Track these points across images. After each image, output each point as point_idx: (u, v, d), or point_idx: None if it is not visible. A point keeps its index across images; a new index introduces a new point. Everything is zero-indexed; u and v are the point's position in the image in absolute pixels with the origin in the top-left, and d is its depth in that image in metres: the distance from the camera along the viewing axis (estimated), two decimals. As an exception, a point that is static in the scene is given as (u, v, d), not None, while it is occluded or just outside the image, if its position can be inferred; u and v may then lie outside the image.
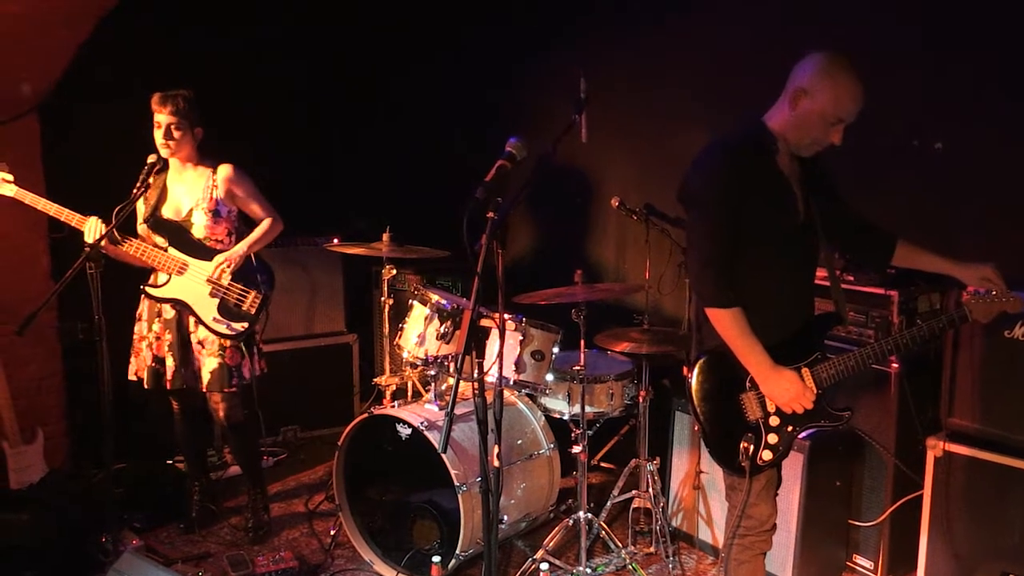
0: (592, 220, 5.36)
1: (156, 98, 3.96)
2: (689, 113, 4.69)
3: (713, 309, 2.83)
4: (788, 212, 2.85)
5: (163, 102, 3.95)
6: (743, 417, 2.89)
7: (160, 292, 4.05)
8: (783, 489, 3.14)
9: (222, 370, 4.09)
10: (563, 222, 5.55)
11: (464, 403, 4.14)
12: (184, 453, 4.57)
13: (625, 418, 4.64)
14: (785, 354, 2.84)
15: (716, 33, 4.62)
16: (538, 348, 3.92)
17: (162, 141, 3.97)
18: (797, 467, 3.62)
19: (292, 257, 5.54)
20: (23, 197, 3.85)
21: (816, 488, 3.65)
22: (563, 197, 5.42)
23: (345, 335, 5.79)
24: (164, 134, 3.96)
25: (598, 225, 5.34)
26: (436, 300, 4.06)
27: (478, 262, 2.50)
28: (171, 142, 3.97)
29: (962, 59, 3.70)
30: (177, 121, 3.96)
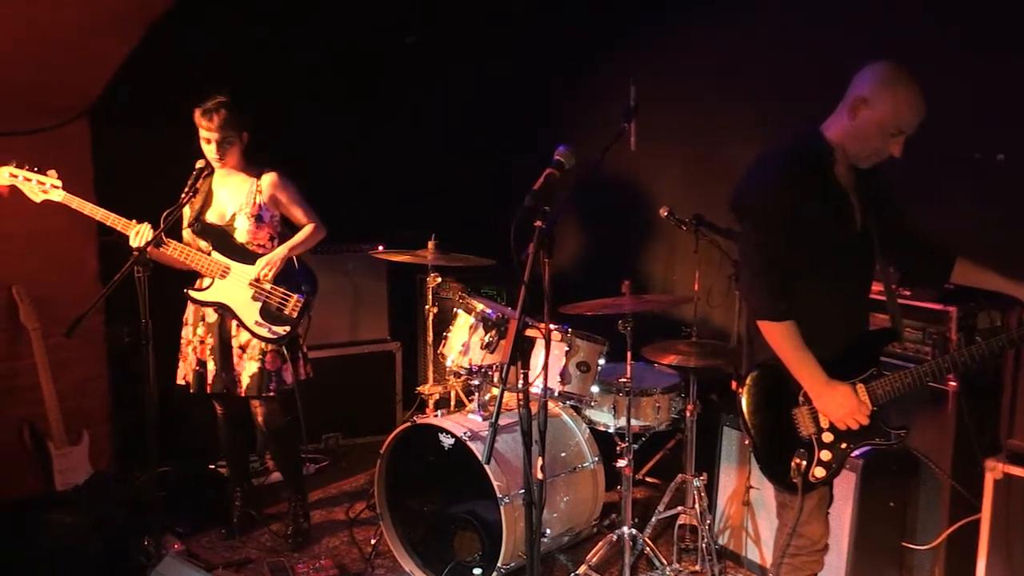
0: (640, 230, 5.34)
1: (198, 114, 4.01)
2: (743, 121, 4.66)
3: (765, 322, 2.81)
4: (844, 224, 2.82)
5: (207, 117, 4.00)
6: (795, 433, 2.85)
7: (203, 296, 4.11)
8: (834, 508, 3.10)
9: (261, 375, 4.13)
10: (611, 232, 5.53)
11: (508, 414, 4.12)
12: (227, 458, 4.62)
13: (671, 432, 4.60)
14: (839, 369, 2.80)
15: (773, 40, 4.58)
16: (584, 359, 3.91)
17: (215, 156, 4.03)
18: (849, 486, 3.56)
19: (337, 264, 5.59)
20: (70, 202, 3.93)
21: (869, 508, 3.59)
22: (611, 206, 5.40)
23: (389, 343, 5.82)
24: (216, 149, 4.03)
25: (646, 235, 5.32)
26: (481, 309, 4.07)
27: (524, 271, 2.51)
28: (223, 154, 4.05)
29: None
30: (225, 133, 4.02)
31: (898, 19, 3.99)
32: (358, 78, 6.28)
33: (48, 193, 3.95)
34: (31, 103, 4.46)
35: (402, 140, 6.40)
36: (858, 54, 2.85)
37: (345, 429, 5.68)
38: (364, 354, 5.73)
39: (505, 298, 5.52)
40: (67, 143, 4.71)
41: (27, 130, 4.49)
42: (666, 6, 5.07)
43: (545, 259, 2.56)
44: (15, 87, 4.30)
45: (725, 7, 4.78)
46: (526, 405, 2.61)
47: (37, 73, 4.32)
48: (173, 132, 4.25)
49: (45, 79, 4.40)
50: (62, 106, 4.67)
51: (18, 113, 4.44)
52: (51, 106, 4.61)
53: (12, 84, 4.27)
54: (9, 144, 4.35)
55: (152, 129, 4.96)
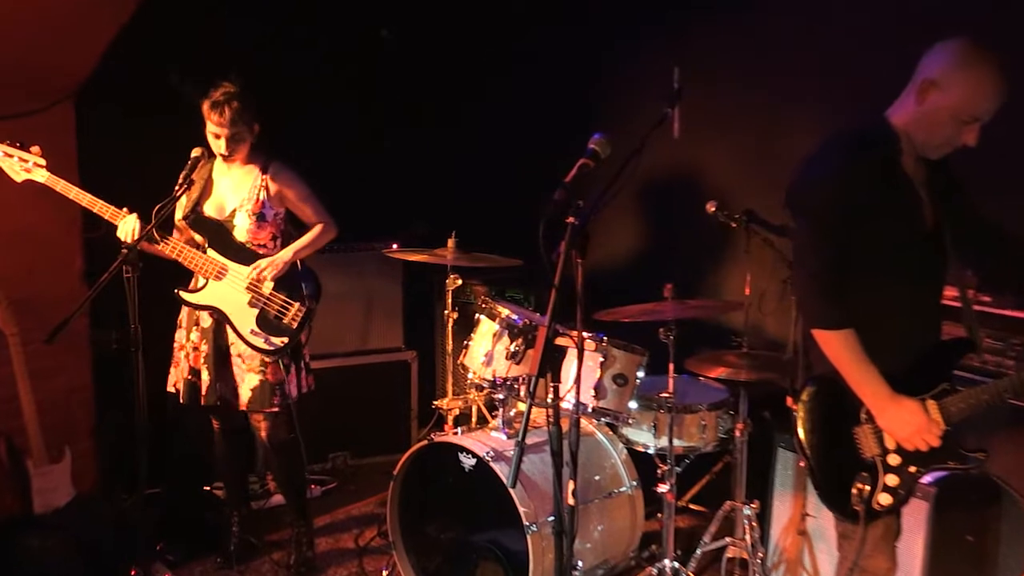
0: (685, 227, 5.33)
1: (207, 107, 4.05)
2: (799, 107, 4.65)
3: (821, 330, 2.81)
4: (913, 221, 2.82)
5: (217, 110, 4.03)
6: (857, 454, 2.86)
7: (195, 298, 4.15)
8: (904, 541, 3.09)
9: (264, 388, 4.17)
10: (652, 229, 5.54)
11: (536, 432, 4.14)
12: (223, 479, 4.68)
13: (719, 454, 4.60)
14: (907, 383, 2.81)
15: (836, 15, 4.58)
16: (621, 371, 3.92)
17: (224, 152, 4.08)
18: (920, 516, 3.55)
19: (347, 263, 5.63)
20: (55, 184, 3.96)
21: (943, 542, 3.58)
22: (652, 201, 5.41)
23: (403, 352, 5.86)
24: (226, 145, 4.07)
25: (692, 233, 5.31)
26: (506, 315, 4.09)
27: (555, 273, 2.53)
28: (233, 149, 4.10)
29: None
30: (236, 128, 4.07)
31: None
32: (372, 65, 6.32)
33: (31, 172, 3.98)
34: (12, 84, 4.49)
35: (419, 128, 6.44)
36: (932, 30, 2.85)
37: (354, 447, 5.73)
38: (376, 364, 5.77)
39: (533, 303, 5.54)
40: (50, 128, 4.73)
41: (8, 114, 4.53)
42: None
43: (578, 259, 2.58)
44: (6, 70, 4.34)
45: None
46: (556, 422, 2.63)
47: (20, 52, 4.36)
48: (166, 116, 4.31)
49: (29, 58, 4.42)
50: (46, 88, 4.71)
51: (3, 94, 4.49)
52: (34, 88, 4.64)
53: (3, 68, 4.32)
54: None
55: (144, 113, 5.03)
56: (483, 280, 5.66)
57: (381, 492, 5.13)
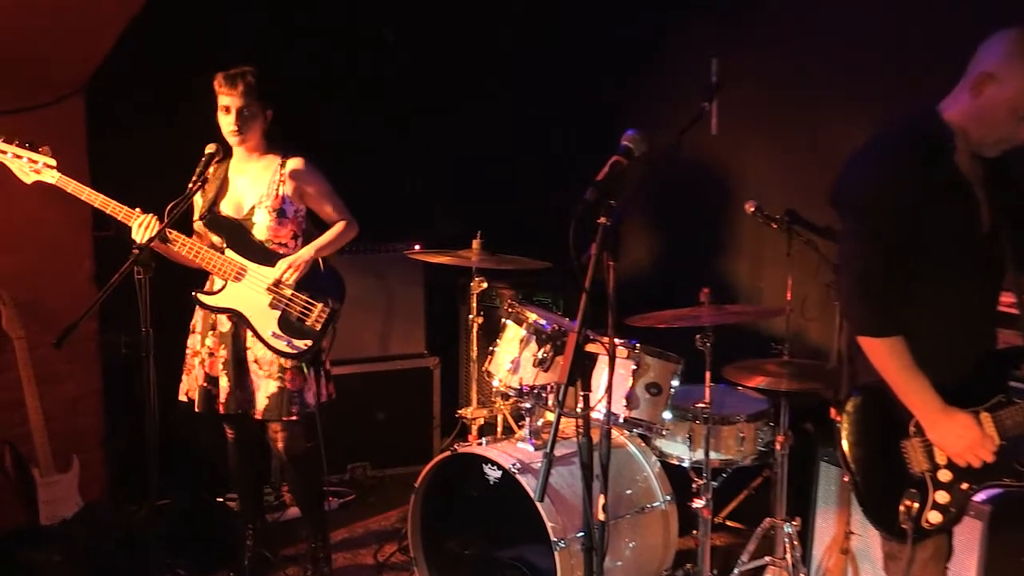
0: (722, 228, 5.32)
1: (220, 78, 4.07)
2: (846, 100, 4.63)
3: (868, 338, 2.80)
4: (967, 223, 2.80)
5: (230, 82, 4.05)
6: (905, 469, 2.84)
7: (214, 300, 4.16)
8: (955, 563, 3.07)
9: (281, 395, 4.17)
10: (688, 230, 5.52)
11: (565, 443, 4.15)
12: (238, 490, 4.69)
13: (758, 468, 4.58)
14: (959, 395, 2.79)
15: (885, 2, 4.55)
16: (654, 380, 3.91)
17: (232, 128, 4.08)
18: (974, 536, 3.52)
19: (367, 265, 5.65)
20: (66, 185, 3.99)
21: (999, 564, 3.54)
22: (688, 200, 5.39)
23: (426, 358, 5.87)
24: (235, 119, 4.07)
25: (729, 234, 5.30)
26: (534, 320, 4.09)
27: (586, 276, 2.53)
28: (242, 127, 4.09)
29: None
30: (248, 102, 4.07)
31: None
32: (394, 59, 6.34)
33: (40, 173, 4.00)
34: (20, 77, 4.54)
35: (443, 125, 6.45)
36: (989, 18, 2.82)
37: (374, 458, 5.74)
38: (397, 371, 5.78)
39: (562, 307, 5.54)
40: (59, 123, 4.79)
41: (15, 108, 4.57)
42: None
43: (609, 262, 2.57)
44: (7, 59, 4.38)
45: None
46: (586, 433, 2.63)
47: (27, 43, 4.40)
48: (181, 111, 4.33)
49: (36, 49, 4.47)
50: (54, 80, 4.76)
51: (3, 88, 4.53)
52: (42, 80, 4.69)
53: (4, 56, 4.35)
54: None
55: (156, 108, 5.07)
56: (510, 283, 5.65)
57: (402, 505, 5.15)
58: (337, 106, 5.93)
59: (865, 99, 4.51)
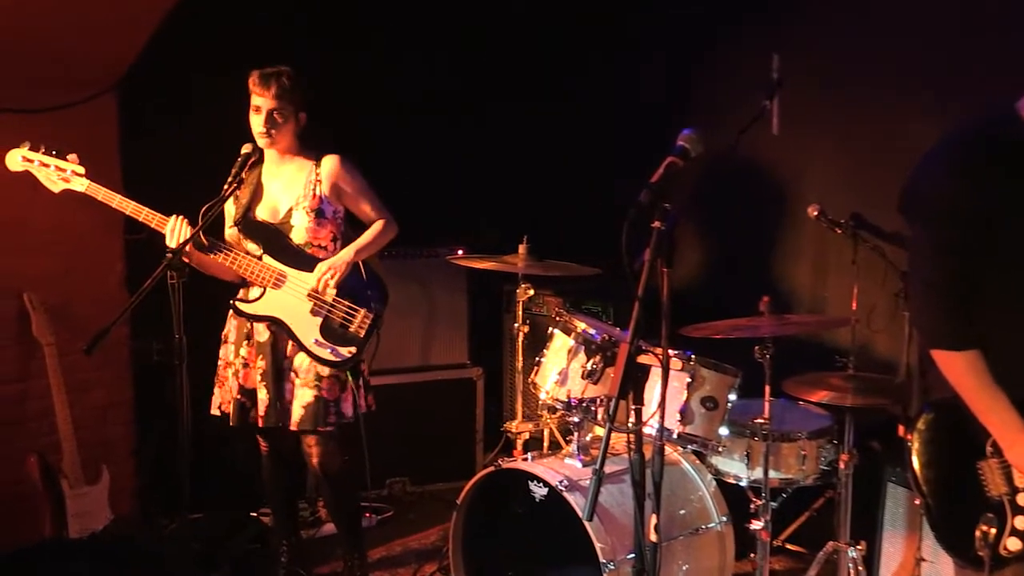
0: (784, 233, 5.29)
1: (255, 77, 4.10)
2: (916, 96, 4.59)
3: (942, 351, 2.77)
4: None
5: (264, 82, 4.08)
6: (982, 492, 2.80)
7: (252, 308, 4.19)
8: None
9: (317, 405, 4.18)
10: (746, 235, 5.49)
11: (615, 459, 4.10)
12: (272, 505, 4.72)
13: (821, 488, 4.54)
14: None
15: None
16: (710, 394, 3.89)
17: (261, 129, 4.11)
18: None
19: (407, 271, 5.66)
20: (95, 193, 4.04)
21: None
22: (747, 204, 5.36)
23: (468, 368, 5.88)
24: (265, 120, 4.10)
25: (791, 240, 5.27)
26: (583, 329, 4.08)
27: (639, 283, 2.52)
28: (272, 130, 4.11)
29: None
30: (280, 105, 4.09)
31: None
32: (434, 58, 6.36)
33: (69, 182, 4.06)
34: (50, 74, 4.60)
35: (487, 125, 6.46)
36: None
37: (414, 473, 5.76)
38: (438, 382, 5.79)
39: (612, 316, 5.52)
40: (90, 122, 4.85)
41: (45, 107, 4.63)
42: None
43: (664, 268, 2.57)
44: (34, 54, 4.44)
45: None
46: (638, 449, 2.62)
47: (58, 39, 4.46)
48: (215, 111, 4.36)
49: (67, 46, 4.53)
50: (85, 78, 4.82)
51: (35, 86, 4.59)
52: (72, 78, 4.75)
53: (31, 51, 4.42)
54: (23, 123, 4.48)
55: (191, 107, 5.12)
56: (557, 291, 5.65)
57: (443, 523, 5.15)
58: (378, 105, 5.95)
59: (938, 94, 4.47)
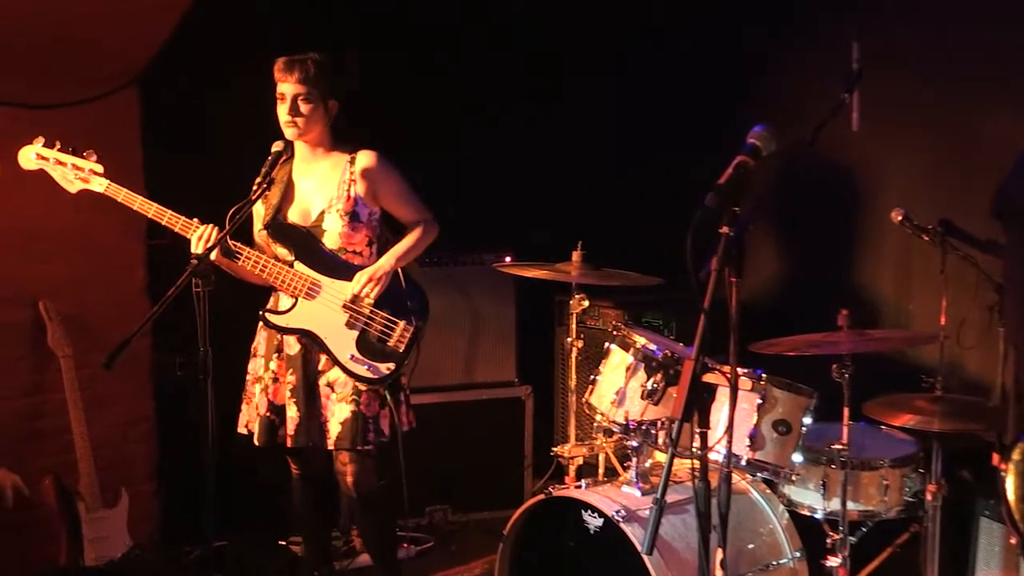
0: (864, 240, 5.25)
1: (280, 64, 4.14)
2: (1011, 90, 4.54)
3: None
4: None
5: (288, 68, 4.12)
6: (1084, 531, 2.77)
7: (283, 320, 4.21)
8: None
9: (356, 422, 4.18)
10: (823, 242, 5.45)
11: (678, 488, 4.11)
12: (302, 532, 4.75)
13: (905, 522, 4.49)
14: None
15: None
16: (783, 417, 3.87)
17: (287, 118, 4.13)
18: None
19: (450, 279, 5.68)
20: (115, 194, 4.08)
21: None
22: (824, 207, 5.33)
23: (516, 386, 5.88)
24: (290, 108, 4.12)
25: (872, 247, 5.23)
26: (643, 344, 4.08)
27: (704, 294, 2.51)
28: (298, 118, 4.13)
29: None
30: (306, 91, 4.12)
31: None
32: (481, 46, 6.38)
33: (87, 182, 4.11)
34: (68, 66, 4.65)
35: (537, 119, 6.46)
36: None
37: (456, 500, 5.76)
38: (483, 401, 5.80)
39: (675, 330, 5.49)
40: (111, 119, 4.90)
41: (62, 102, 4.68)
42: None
43: (732, 278, 2.57)
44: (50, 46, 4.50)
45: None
46: (703, 477, 2.62)
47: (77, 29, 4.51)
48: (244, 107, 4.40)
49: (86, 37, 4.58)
50: (106, 71, 4.87)
51: (52, 80, 4.65)
52: (92, 70, 4.81)
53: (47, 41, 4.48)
54: (39, 119, 4.54)
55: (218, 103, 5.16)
56: (615, 302, 5.63)
57: (488, 555, 5.14)
58: (417, 98, 5.97)
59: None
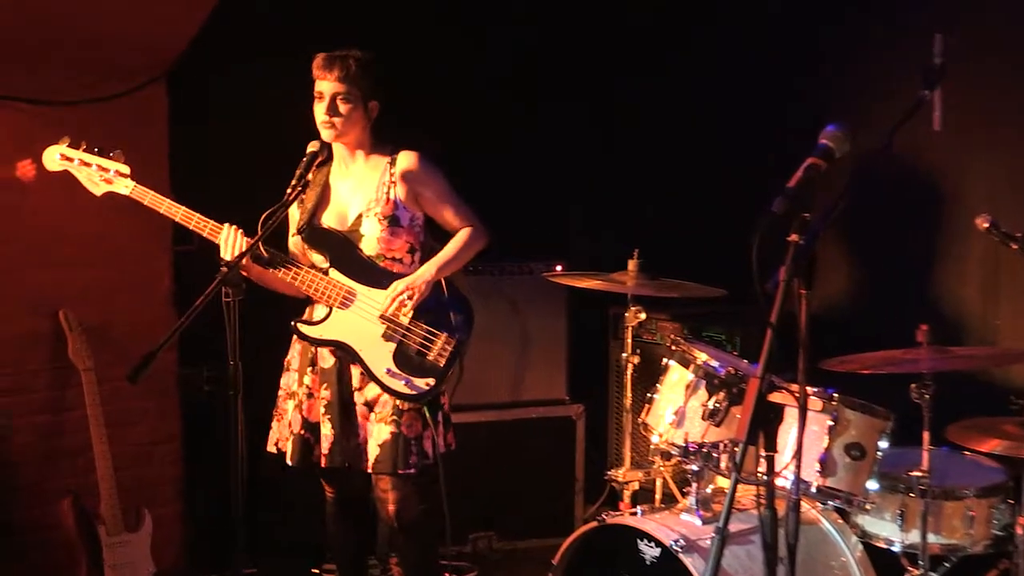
0: (946, 249, 5.22)
1: (318, 61, 4.16)
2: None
3: None
4: None
5: (328, 65, 4.14)
6: None
7: (316, 331, 4.22)
8: None
9: (396, 443, 4.18)
10: (901, 251, 5.42)
11: (741, 516, 4.10)
12: (337, 560, 4.75)
13: (993, 557, 4.45)
14: None
15: None
16: (857, 440, 3.85)
17: (324, 118, 4.15)
18: None
19: (496, 289, 5.69)
20: (141, 197, 4.11)
21: None
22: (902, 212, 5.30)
23: (567, 405, 5.88)
24: (328, 107, 4.14)
25: (955, 257, 5.19)
26: (704, 361, 4.08)
27: (772, 307, 2.51)
28: (336, 119, 4.15)
29: None
30: (346, 90, 4.14)
31: None
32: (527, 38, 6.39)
33: (112, 183, 4.14)
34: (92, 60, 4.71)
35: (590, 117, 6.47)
36: None
37: (502, 527, 5.76)
38: (531, 420, 5.80)
39: (739, 346, 5.48)
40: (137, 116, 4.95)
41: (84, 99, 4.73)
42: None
43: (802, 290, 2.56)
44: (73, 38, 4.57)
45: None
46: (770, 505, 2.62)
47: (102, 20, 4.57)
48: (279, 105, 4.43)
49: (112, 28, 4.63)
50: (132, 64, 4.92)
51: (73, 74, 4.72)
52: (116, 64, 4.86)
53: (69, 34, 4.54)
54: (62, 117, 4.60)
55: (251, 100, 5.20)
56: (674, 315, 5.63)
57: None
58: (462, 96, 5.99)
59: None
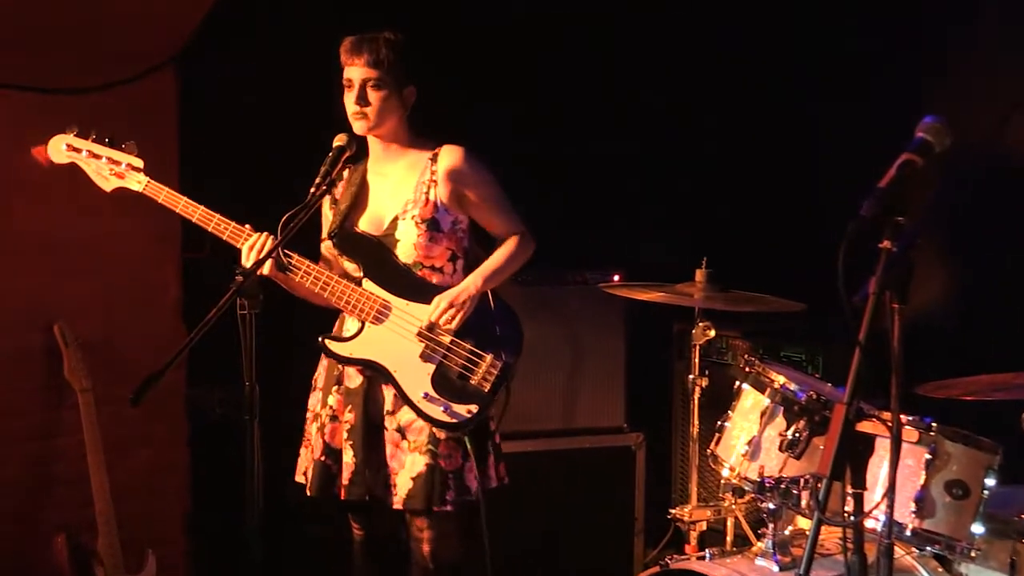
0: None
1: (346, 45, 4.16)
2: None
3: None
4: None
5: (356, 49, 4.14)
6: None
7: (346, 349, 4.21)
8: None
9: (432, 477, 4.16)
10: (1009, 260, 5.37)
11: (825, 562, 4.09)
12: (363, 607, 4.77)
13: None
14: None
15: None
16: (959, 477, 3.81)
17: (355, 108, 4.15)
18: None
19: (548, 302, 5.67)
20: (156, 194, 4.10)
21: None
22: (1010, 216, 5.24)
23: (626, 433, 5.87)
24: (358, 96, 4.14)
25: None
26: (782, 384, 4.06)
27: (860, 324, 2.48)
28: (368, 108, 4.14)
29: None
30: (377, 76, 4.13)
31: None
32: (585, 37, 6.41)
33: (124, 178, 4.13)
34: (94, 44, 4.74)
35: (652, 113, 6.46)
36: None
37: (552, 570, 5.75)
38: (586, 450, 5.79)
39: (822, 368, 5.45)
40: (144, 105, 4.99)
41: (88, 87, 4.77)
42: None
43: (895, 304, 2.54)
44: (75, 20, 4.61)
45: None
46: (858, 550, 2.59)
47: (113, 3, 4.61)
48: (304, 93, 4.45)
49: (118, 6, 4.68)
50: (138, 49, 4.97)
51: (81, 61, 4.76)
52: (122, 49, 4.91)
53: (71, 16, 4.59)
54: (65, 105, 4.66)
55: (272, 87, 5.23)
56: (747, 332, 5.60)
57: (589, 638, 5.15)
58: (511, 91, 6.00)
59: None
